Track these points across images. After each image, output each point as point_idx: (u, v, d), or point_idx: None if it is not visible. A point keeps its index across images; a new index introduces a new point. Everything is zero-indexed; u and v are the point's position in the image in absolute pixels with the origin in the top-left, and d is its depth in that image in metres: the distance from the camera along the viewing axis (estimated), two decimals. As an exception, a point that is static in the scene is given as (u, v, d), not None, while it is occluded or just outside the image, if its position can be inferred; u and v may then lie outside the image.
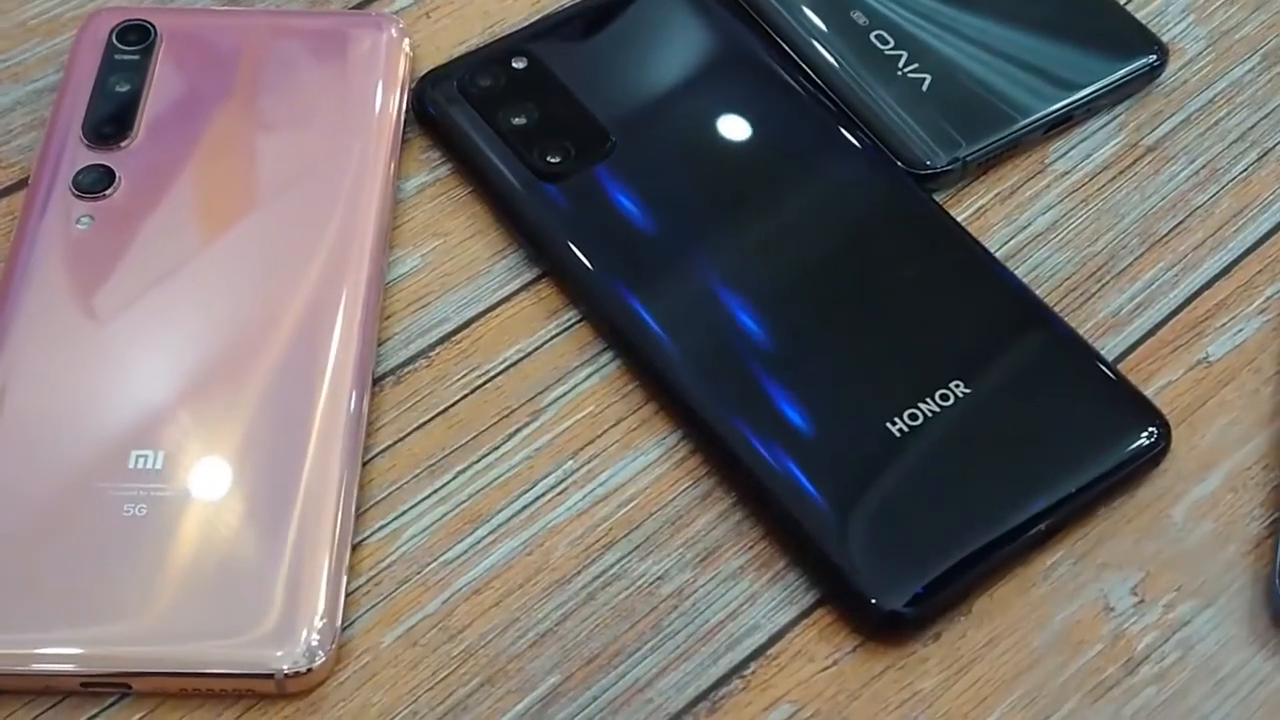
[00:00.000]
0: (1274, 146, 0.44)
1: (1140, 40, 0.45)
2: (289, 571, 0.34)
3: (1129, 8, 0.47)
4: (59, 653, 0.33)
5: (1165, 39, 0.46)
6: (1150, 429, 0.38)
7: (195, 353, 0.38)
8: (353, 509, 0.36)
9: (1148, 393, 0.39)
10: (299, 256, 0.40)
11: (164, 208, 0.40)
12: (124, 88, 0.42)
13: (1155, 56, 0.45)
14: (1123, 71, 0.44)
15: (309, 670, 0.34)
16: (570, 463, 0.38)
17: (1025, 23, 0.45)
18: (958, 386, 0.38)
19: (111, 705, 0.34)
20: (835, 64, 0.44)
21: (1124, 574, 0.37)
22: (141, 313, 0.39)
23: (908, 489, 0.36)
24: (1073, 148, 0.44)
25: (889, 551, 0.36)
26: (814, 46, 0.45)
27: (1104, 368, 0.39)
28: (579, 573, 0.36)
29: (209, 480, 0.36)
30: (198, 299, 0.39)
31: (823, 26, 0.45)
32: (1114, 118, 0.45)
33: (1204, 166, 0.44)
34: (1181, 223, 0.43)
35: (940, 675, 0.35)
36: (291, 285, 0.39)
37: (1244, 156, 0.44)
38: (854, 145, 0.42)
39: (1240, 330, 0.41)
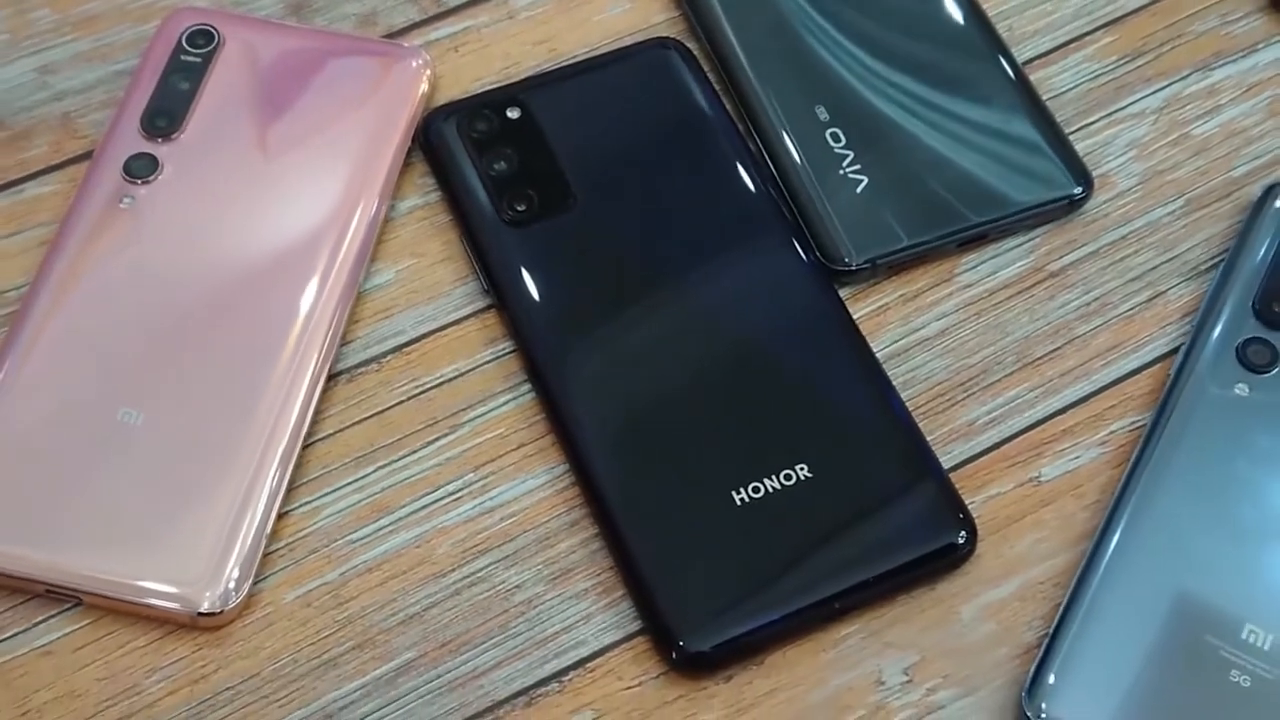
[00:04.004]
0: (1166, 290, 0.49)
1: (1070, 171, 0.50)
2: (223, 528, 0.43)
3: (1078, 134, 0.51)
4: (30, 561, 0.43)
5: (1102, 171, 0.51)
6: (960, 533, 0.44)
7: (189, 326, 0.46)
8: (285, 483, 0.44)
9: (974, 500, 0.45)
10: (290, 259, 0.47)
11: (192, 197, 0.48)
12: (183, 86, 0.50)
13: (1080, 190, 0.50)
14: (1041, 200, 0.49)
15: (220, 612, 0.42)
16: (471, 475, 0.45)
17: (972, 140, 0.50)
18: (802, 469, 0.44)
19: (68, 610, 0.43)
20: (791, 152, 0.50)
21: (902, 655, 0.43)
22: (156, 285, 0.47)
23: (733, 551, 0.43)
24: (983, 262, 0.49)
25: (703, 601, 0.43)
26: (777, 133, 0.50)
27: (934, 472, 0.45)
28: (453, 570, 0.44)
29: (178, 439, 0.44)
30: (201, 280, 0.47)
31: (788, 116, 0.51)
32: (1030, 239, 0.50)
33: (1096, 299, 0.49)
34: (1058, 349, 0.48)
35: (721, 711, 0.42)
36: (279, 283, 0.47)
37: (1136, 295, 0.49)
38: (780, 234, 0.48)
39: (1077, 458, 0.46)
